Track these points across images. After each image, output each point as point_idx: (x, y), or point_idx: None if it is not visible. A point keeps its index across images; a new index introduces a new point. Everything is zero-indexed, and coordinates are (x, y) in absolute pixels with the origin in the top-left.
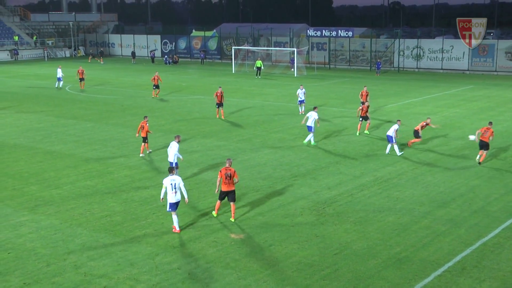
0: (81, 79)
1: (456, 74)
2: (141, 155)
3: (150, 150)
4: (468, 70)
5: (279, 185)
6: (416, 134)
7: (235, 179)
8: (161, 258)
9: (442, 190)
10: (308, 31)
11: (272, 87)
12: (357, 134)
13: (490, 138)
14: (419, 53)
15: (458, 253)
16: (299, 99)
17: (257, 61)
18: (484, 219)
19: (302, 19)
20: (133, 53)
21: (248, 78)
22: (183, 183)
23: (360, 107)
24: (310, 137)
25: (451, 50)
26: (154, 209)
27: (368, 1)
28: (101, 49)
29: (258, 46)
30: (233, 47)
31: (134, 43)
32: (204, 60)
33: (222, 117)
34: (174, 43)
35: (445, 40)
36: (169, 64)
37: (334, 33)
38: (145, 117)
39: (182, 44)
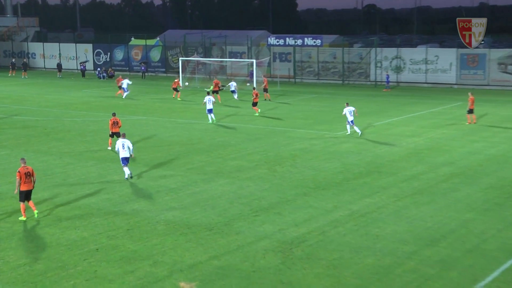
0: None
1: (443, 89)
2: (109, 148)
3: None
4: (456, 84)
5: (237, 222)
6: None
7: (33, 178)
8: None
9: (429, 225)
10: (269, 39)
11: (227, 105)
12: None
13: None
14: (399, 64)
15: None
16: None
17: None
18: (479, 259)
19: (262, 25)
20: (59, 66)
21: (198, 94)
22: None
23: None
24: (356, 128)
25: (437, 60)
26: (85, 254)
27: (339, 4)
28: (24, 60)
29: (210, 57)
30: (180, 58)
31: (60, 54)
32: (146, 74)
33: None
34: (109, 54)
35: (429, 49)
36: (103, 78)
37: (299, 42)
38: (114, 113)
39: (119, 54)
